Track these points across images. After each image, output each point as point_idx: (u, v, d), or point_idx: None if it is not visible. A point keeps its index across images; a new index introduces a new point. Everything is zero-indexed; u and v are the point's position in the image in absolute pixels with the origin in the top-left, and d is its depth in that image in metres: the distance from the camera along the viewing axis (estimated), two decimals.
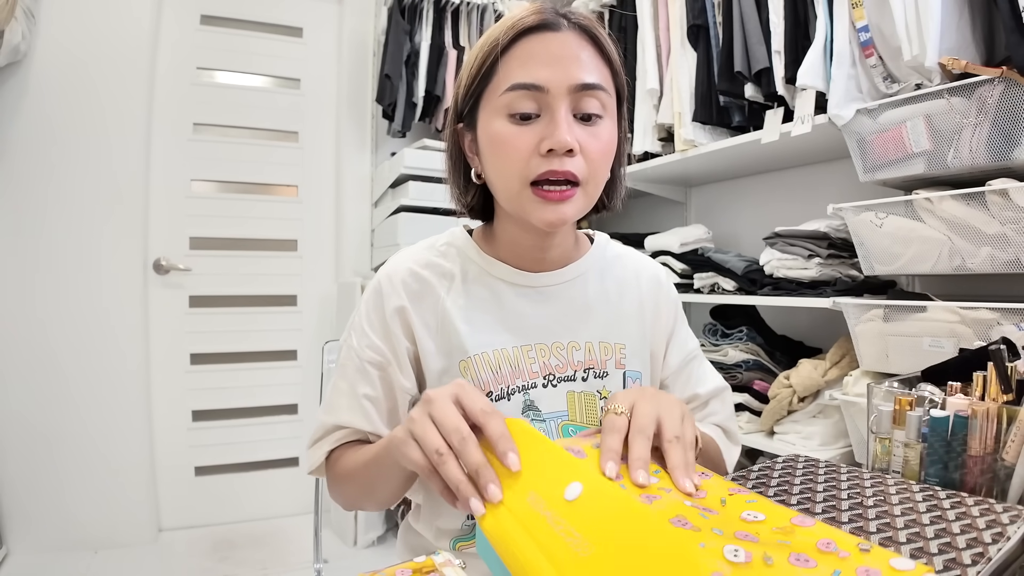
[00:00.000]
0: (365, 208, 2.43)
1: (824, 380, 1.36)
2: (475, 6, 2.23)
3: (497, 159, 0.62)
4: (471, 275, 0.70)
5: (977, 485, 0.58)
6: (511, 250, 0.71)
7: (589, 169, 0.61)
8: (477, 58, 0.64)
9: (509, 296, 0.70)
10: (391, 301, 0.68)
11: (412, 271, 0.69)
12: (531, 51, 0.60)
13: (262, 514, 2.30)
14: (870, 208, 1.20)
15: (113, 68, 2.00)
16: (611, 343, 0.71)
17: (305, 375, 2.38)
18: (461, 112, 0.67)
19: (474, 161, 0.68)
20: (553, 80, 0.59)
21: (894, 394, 0.66)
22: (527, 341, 0.68)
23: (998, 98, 1.00)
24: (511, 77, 0.60)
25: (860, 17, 1.19)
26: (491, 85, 0.62)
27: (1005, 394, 0.62)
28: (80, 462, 1.97)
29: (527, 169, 0.60)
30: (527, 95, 0.60)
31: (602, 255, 0.76)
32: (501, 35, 0.61)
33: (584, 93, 0.60)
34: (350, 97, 2.40)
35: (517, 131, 0.60)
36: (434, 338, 0.68)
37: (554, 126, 0.59)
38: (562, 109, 0.60)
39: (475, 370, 0.66)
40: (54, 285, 1.95)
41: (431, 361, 0.67)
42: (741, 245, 1.85)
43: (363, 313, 0.69)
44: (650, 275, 0.78)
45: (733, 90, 1.50)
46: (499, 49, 0.61)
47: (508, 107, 0.61)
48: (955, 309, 1.05)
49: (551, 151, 0.59)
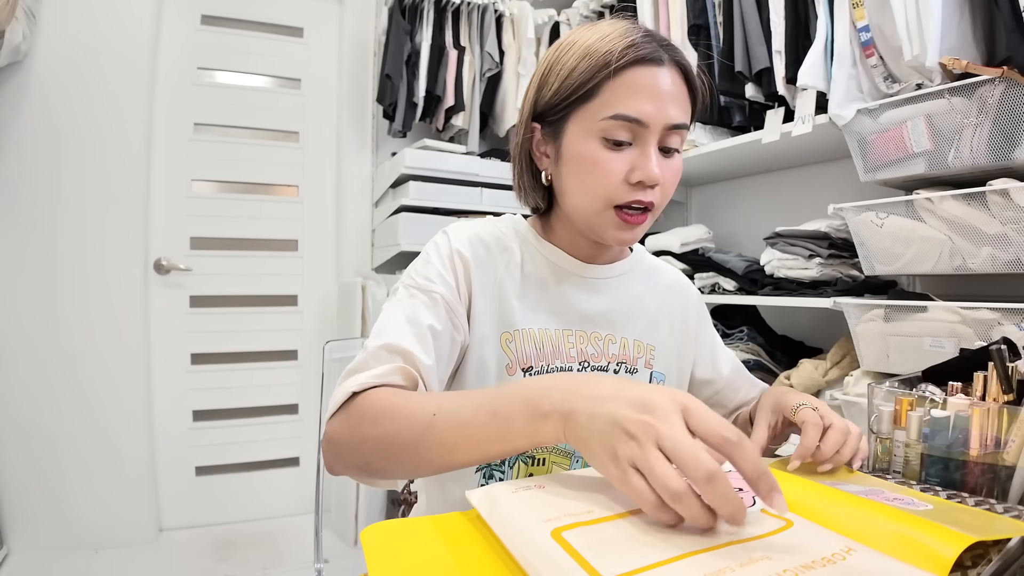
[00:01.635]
0: (366, 208, 2.43)
1: (825, 380, 1.36)
2: (475, 6, 2.23)
3: (586, 178, 0.65)
4: (527, 255, 0.73)
5: (978, 485, 0.58)
6: (567, 244, 0.74)
7: (661, 197, 0.66)
8: (578, 70, 0.63)
9: (560, 282, 0.72)
10: (456, 246, 0.68)
11: (478, 235, 0.71)
12: (640, 83, 0.62)
13: (263, 514, 2.30)
14: (871, 208, 1.19)
15: (114, 68, 2.00)
16: (644, 343, 0.75)
17: (306, 375, 2.38)
18: (542, 114, 0.68)
19: (543, 162, 0.70)
20: (654, 117, 0.62)
21: (895, 394, 0.66)
22: (569, 326, 0.71)
23: (999, 98, 1.00)
24: (617, 105, 0.62)
25: (861, 17, 1.18)
26: (592, 104, 0.63)
27: (1006, 394, 0.62)
28: (81, 461, 1.97)
29: (614, 194, 0.64)
30: (627, 126, 0.62)
31: (641, 261, 0.81)
32: (613, 59, 0.61)
33: (673, 131, 0.64)
34: (351, 97, 2.40)
35: (611, 157, 0.63)
36: (487, 303, 0.69)
37: (645, 159, 0.63)
38: (653, 144, 0.63)
39: (519, 342, 0.68)
40: (55, 285, 1.95)
41: (480, 323, 0.68)
42: (742, 245, 1.85)
43: (428, 257, 0.68)
44: (682, 289, 0.83)
45: (734, 90, 1.50)
46: (610, 72, 0.61)
47: (605, 132, 0.63)
48: (956, 309, 1.05)
49: (640, 182, 0.63)
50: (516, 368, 0.68)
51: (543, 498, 0.44)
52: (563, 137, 0.66)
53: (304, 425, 2.37)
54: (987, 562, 0.38)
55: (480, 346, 0.67)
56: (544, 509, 0.42)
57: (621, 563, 0.35)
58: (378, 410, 0.53)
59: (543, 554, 0.36)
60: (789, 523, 0.41)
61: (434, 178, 2.11)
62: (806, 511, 0.43)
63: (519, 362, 0.68)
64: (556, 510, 0.42)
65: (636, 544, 0.38)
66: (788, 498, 0.43)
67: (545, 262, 0.73)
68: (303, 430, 2.37)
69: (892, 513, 0.42)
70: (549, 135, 0.68)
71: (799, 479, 0.51)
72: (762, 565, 0.35)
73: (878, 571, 0.34)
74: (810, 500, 0.44)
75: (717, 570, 0.34)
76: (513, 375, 0.67)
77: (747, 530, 0.40)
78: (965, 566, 0.37)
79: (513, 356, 0.68)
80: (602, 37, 0.64)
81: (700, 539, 0.38)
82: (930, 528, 0.37)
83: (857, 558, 0.36)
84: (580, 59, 0.64)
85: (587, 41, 0.64)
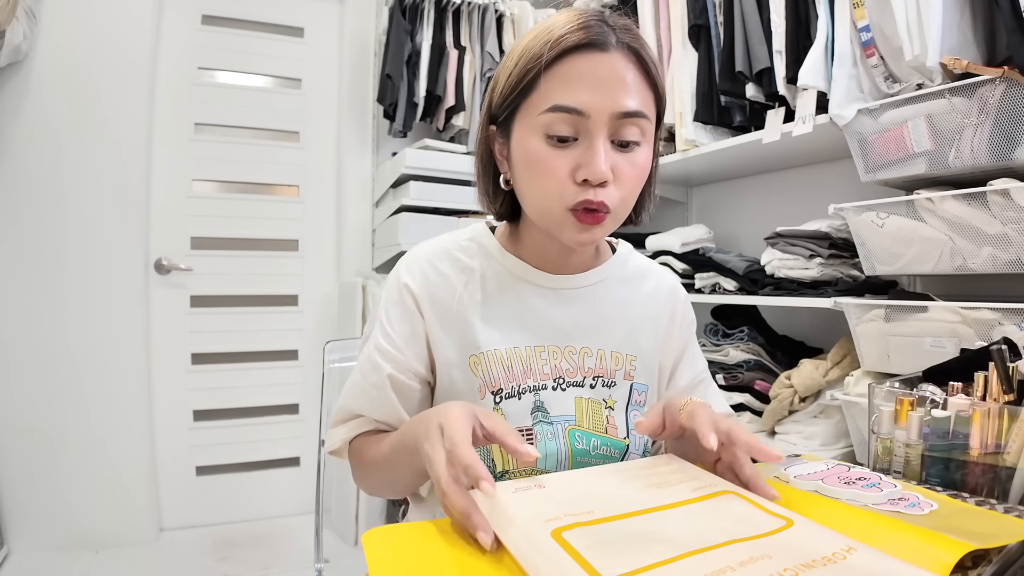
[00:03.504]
0: (366, 208, 2.43)
1: (825, 380, 1.36)
2: (476, 6, 2.23)
3: (532, 179, 0.61)
4: (491, 272, 0.70)
5: (978, 485, 0.58)
6: (536, 253, 0.70)
7: (620, 196, 0.61)
8: (518, 66, 0.61)
9: (528, 295, 0.69)
10: (408, 286, 0.68)
11: (431, 262, 0.69)
12: (576, 71, 0.58)
13: (263, 514, 2.30)
14: (871, 208, 1.19)
15: (114, 68, 2.00)
16: (623, 354, 0.71)
17: (306, 375, 2.38)
18: (495, 117, 0.66)
19: (503, 166, 0.67)
20: (595, 106, 0.57)
21: (895, 394, 0.66)
22: (541, 342, 0.68)
23: (999, 98, 1.00)
24: (552, 97, 0.58)
25: (861, 17, 1.18)
26: (530, 99, 0.60)
27: (1006, 394, 0.62)
28: (81, 461, 1.97)
29: (562, 194, 0.60)
30: (567, 119, 0.58)
31: (623, 264, 0.76)
32: (546, 49, 0.58)
33: (625, 121, 0.59)
34: (351, 97, 2.40)
35: (553, 154, 0.59)
36: (447, 331, 0.67)
37: (591, 154, 0.58)
38: (601, 137, 0.58)
39: (486, 365, 0.66)
40: (55, 285, 1.95)
41: (443, 351, 0.67)
42: (742, 245, 1.85)
43: (382, 301, 0.70)
44: (670, 291, 0.78)
45: (734, 90, 1.50)
46: (542, 64, 0.58)
47: (546, 127, 0.59)
48: (956, 309, 1.05)
49: (586, 181, 0.58)
50: (485, 391, 0.65)
51: (543, 498, 0.44)
52: (512, 137, 0.63)
53: (305, 425, 2.37)
54: (987, 562, 0.38)
55: (448, 372, 0.67)
56: (544, 509, 0.42)
57: (621, 563, 0.35)
58: (363, 465, 0.68)
59: (543, 554, 0.36)
60: (790, 522, 0.41)
61: (435, 178, 2.11)
62: (807, 513, 0.43)
63: (487, 385, 0.66)
64: (557, 510, 0.42)
65: (636, 544, 0.38)
66: (787, 501, 0.43)
67: (510, 276, 0.69)
68: (303, 430, 2.37)
69: (891, 523, 0.42)
70: (503, 136, 0.65)
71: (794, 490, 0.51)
72: (762, 564, 0.35)
73: (878, 570, 0.34)
74: (810, 508, 0.44)
75: (717, 569, 0.34)
76: (483, 399, 0.65)
77: (747, 529, 0.40)
78: (966, 567, 0.37)
79: (481, 379, 0.66)
80: (546, 28, 0.60)
81: (700, 539, 0.38)
82: (929, 536, 0.38)
83: (858, 557, 0.36)
84: (521, 54, 0.61)
85: (531, 35, 0.61)
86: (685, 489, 0.47)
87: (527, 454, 0.46)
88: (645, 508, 0.44)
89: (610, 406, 0.69)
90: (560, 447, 0.65)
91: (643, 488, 0.47)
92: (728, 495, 0.46)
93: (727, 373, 1.57)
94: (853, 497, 0.48)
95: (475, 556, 0.40)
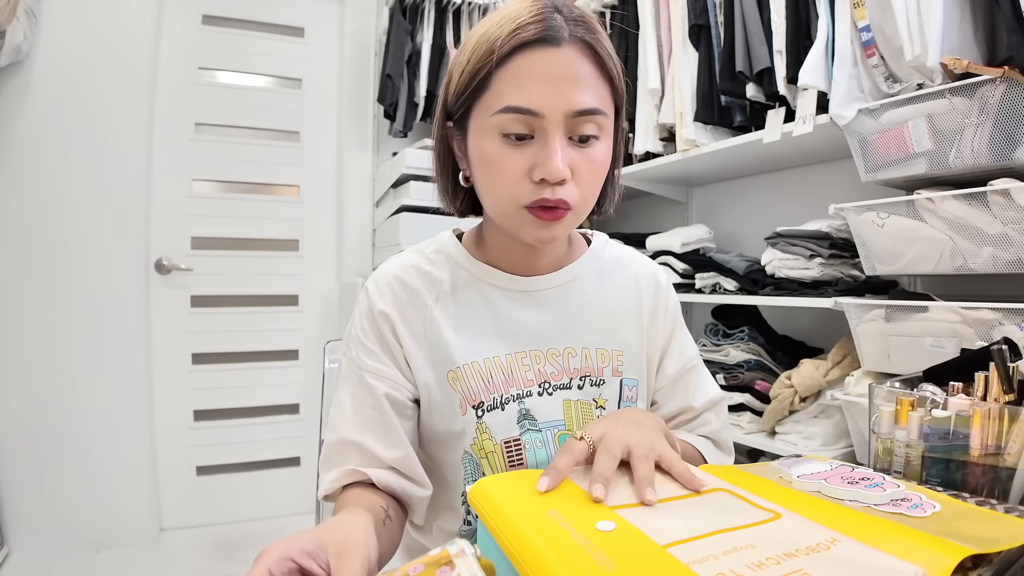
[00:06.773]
0: (367, 208, 2.43)
1: (825, 380, 1.35)
2: (476, 6, 2.23)
3: (488, 178, 0.60)
4: (461, 281, 0.68)
5: (979, 486, 0.58)
6: (502, 255, 0.68)
7: (580, 193, 0.59)
8: (470, 63, 0.58)
9: (501, 301, 0.67)
10: (377, 306, 0.66)
11: (399, 278, 0.67)
12: (528, 69, 0.55)
13: (263, 514, 2.30)
14: (872, 208, 1.19)
15: (115, 68, 2.00)
16: (608, 349, 0.69)
17: (307, 375, 2.38)
18: (451, 113, 0.63)
19: (463, 163, 0.65)
20: (549, 105, 0.55)
21: (896, 394, 0.66)
22: (521, 348, 0.66)
23: (1000, 98, 1.00)
24: (505, 97, 0.56)
25: (862, 17, 1.18)
26: (484, 98, 0.58)
27: (1007, 394, 0.62)
28: (81, 461, 1.98)
29: (519, 193, 0.58)
30: (521, 119, 0.56)
31: (599, 257, 0.74)
32: (497, 46, 0.55)
33: (584, 119, 0.57)
34: (351, 97, 2.41)
35: (509, 153, 0.57)
36: (422, 348, 0.65)
37: (548, 153, 0.56)
38: (557, 135, 0.56)
39: (464, 380, 0.64)
40: (56, 285, 1.95)
41: (420, 372, 0.65)
42: (743, 245, 1.84)
43: (356, 322, 0.68)
44: (649, 278, 0.75)
45: (735, 90, 1.50)
46: (493, 62, 0.56)
47: (500, 127, 0.57)
48: (957, 309, 1.05)
49: (543, 180, 0.56)
50: (466, 406, 0.64)
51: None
52: (468, 135, 0.61)
53: (305, 425, 2.37)
54: (987, 563, 0.38)
55: (428, 390, 0.65)
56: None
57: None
58: None
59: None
60: (777, 515, 0.41)
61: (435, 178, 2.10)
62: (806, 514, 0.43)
63: (467, 400, 0.64)
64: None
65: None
66: (789, 504, 0.43)
67: (480, 283, 0.67)
68: (304, 430, 2.37)
69: (891, 526, 0.42)
70: (460, 132, 0.62)
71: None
72: (745, 553, 0.35)
73: (860, 560, 0.35)
74: (810, 508, 0.44)
75: (700, 558, 0.34)
76: (465, 414, 0.64)
77: (733, 520, 0.40)
78: (966, 567, 0.37)
79: (460, 395, 0.64)
80: (497, 22, 0.57)
81: (685, 529, 0.39)
82: (928, 540, 0.37)
83: (841, 548, 0.36)
84: (473, 50, 0.58)
85: (483, 28, 0.59)
86: (674, 487, 0.48)
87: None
88: (632, 503, 0.44)
89: (600, 405, 0.68)
90: (550, 455, 0.65)
91: (630, 484, 0.47)
92: (718, 492, 0.47)
93: (727, 373, 1.57)
94: (856, 497, 0.48)
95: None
